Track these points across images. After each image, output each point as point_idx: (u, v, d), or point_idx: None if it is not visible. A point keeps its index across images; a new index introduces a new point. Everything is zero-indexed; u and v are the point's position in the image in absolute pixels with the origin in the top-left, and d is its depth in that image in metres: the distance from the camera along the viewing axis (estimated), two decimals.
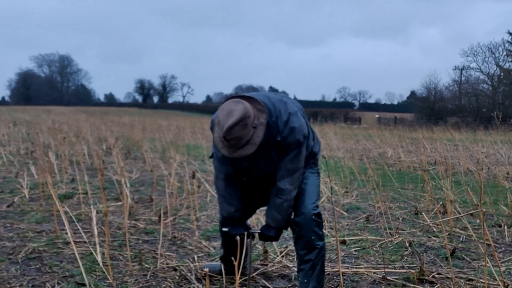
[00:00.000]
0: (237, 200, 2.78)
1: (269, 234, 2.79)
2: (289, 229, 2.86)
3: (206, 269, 2.44)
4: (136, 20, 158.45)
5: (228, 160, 2.70)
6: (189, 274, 3.22)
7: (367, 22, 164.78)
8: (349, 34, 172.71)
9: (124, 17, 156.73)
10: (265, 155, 2.61)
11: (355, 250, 3.86)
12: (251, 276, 3.04)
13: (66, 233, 4.11)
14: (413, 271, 3.27)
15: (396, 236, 4.20)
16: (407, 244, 3.99)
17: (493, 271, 2.97)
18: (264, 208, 2.89)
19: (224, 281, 3.04)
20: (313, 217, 2.69)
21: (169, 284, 3.07)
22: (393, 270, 3.36)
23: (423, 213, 4.98)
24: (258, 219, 4.31)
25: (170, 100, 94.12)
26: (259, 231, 2.83)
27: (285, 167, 2.63)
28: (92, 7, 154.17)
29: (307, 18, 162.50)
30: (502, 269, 3.33)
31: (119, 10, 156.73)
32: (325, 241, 2.88)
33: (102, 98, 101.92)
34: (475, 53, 37.65)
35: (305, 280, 2.73)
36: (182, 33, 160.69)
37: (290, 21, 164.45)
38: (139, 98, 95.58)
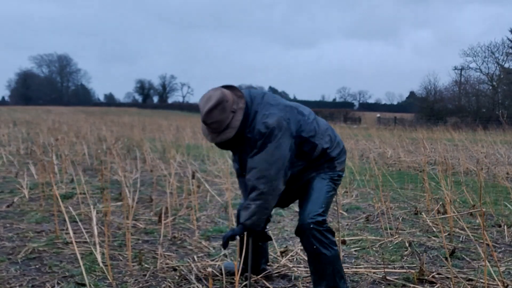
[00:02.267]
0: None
1: (235, 230, 2.68)
2: (289, 229, 2.85)
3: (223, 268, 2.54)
4: (134, 23, 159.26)
5: (235, 157, 2.80)
6: (189, 274, 3.22)
7: (360, 24, 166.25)
8: (342, 36, 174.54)
9: (121, 20, 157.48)
10: (243, 148, 2.63)
11: (355, 250, 3.86)
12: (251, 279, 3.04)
13: (66, 233, 4.11)
14: (413, 271, 3.27)
15: (396, 236, 4.20)
16: (407, 244, 3.99)
17: (492, 272, 2.98)
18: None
19: (224, 281, 3.04)
20: (311, 225, 2.54)
21: (169, 284, 3.07)
22: (393, 270, 3.36)
23: (423, 213, 4.98)
24: None
25: (170, 100, 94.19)
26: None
27: (250, 163, 2.54)
28: (90, 11, 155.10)
29: (300, 21, 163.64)
30: (502, 269, 3.33)
31: (116, 14, 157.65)
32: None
33: (102, 98, 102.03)
34: (475, 53, 37.71)
35: None
36: (179, 35, 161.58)
37: (285, 24, 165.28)
38: (139, 98, 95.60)
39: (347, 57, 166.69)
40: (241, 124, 2.51)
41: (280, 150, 2.50)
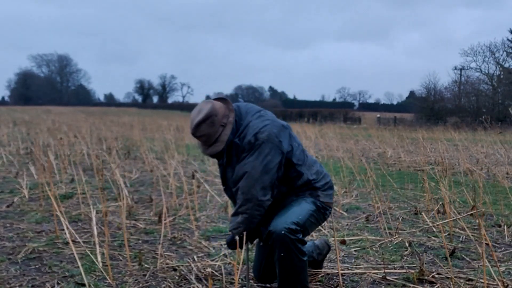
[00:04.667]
0: None
1: (226, 239, 2.81)
2: None
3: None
4: (133, 23, 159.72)
5: (222, 172, 2.79)
6: (189, 274, 3.22)
7: (359, 26, 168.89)
8: (341, 37, 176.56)
9: (121, 21, 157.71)
10: (229, 158, 2.63)
11: (355, 250, 3.86)
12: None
13: (66, 233, 4.11)
14: (412, 271, 3.27)
15: (396, 236, 4.20)
16: (407, 244, 3.99)
17: (492, 272, 2.98)
18: None
19: (224, 281, 3.04)
20: (282, 232, 2.47)
21: (169, 284, 3.07)
22: (393, 271, 3.36)
23: (422, 213, 4.97)
24: None
25: (169, 100, 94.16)
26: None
27: (239, 170, 2.55)
28: (90, 12, 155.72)
29: (299, 22, 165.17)
30: (502, 269, 3.33)
31: (115, 14, 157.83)
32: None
33: (101, 98, 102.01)
34: (475, 53, 37.73)
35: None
36: (178, 36, 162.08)
37: (285, 25, 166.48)
38: (139, 98, 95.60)
39: (347, 57, 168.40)
40: (230, 135, 2.56)
41: (269, 163, 2.51)
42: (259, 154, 2.49)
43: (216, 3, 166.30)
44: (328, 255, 3.63)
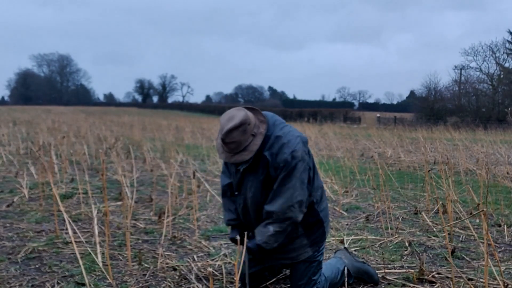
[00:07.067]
0: (234, 210, 2.79)
1: (248, 244, 2.60)
2: None
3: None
4: (133, 27, 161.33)
5: (227, 173, 2.82)
6: (189, 274, 3.22)
7: (347, 28, 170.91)
8: (330, 39, 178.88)
9: (121, 24, 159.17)
10: (253, 167, 2.58)
11: (355, 250, 3.86)
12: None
13: (66, 233, 4.11)
14: (412, 270, 3.27)
15: (396, 236, 4.20)
16: (407, 244, 3.99)
17: (494, 271, 2.98)
18: None
19: (225, 281, 3.04)
20: None
21: (169, 284, 3.07)
22: (393, 271, 3.36)
23: (422, 213, 4.98)
24: None
25: (169, 100, 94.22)
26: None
27: (273, 190, 2.54)
28: (90, 15, 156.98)
29: (299, 24, 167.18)
30: (502, 268, 3.33)
31: (115, 17, 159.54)
32: (325, 241, 2.86)
33: (101, 98, 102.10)
34: (476, 53, 37.71)
35: None
36: (178, 38, 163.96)
37: (275, 28, 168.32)
38: (139, 98, 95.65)
39: (342, 58, 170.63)
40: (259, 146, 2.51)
41: (304, 180, 2.55)
42: (296, 174, 2.50)
43: (214, 7, 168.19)
44: (328, 255, 3.63)
